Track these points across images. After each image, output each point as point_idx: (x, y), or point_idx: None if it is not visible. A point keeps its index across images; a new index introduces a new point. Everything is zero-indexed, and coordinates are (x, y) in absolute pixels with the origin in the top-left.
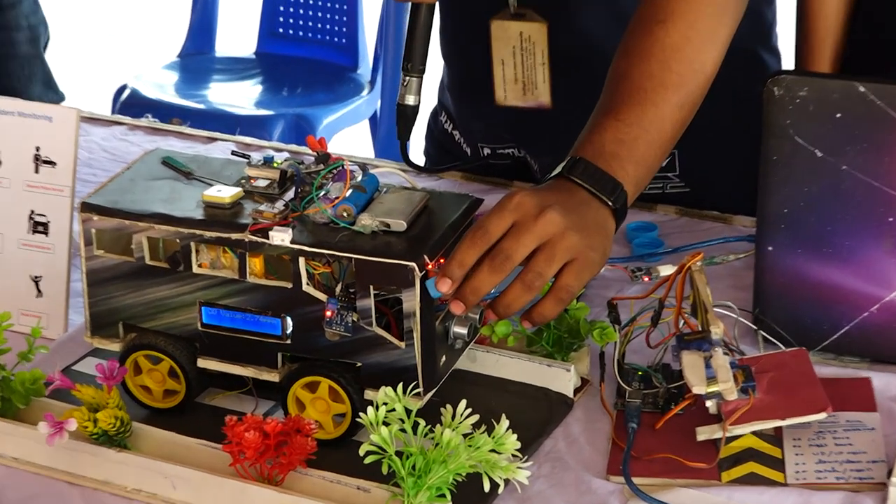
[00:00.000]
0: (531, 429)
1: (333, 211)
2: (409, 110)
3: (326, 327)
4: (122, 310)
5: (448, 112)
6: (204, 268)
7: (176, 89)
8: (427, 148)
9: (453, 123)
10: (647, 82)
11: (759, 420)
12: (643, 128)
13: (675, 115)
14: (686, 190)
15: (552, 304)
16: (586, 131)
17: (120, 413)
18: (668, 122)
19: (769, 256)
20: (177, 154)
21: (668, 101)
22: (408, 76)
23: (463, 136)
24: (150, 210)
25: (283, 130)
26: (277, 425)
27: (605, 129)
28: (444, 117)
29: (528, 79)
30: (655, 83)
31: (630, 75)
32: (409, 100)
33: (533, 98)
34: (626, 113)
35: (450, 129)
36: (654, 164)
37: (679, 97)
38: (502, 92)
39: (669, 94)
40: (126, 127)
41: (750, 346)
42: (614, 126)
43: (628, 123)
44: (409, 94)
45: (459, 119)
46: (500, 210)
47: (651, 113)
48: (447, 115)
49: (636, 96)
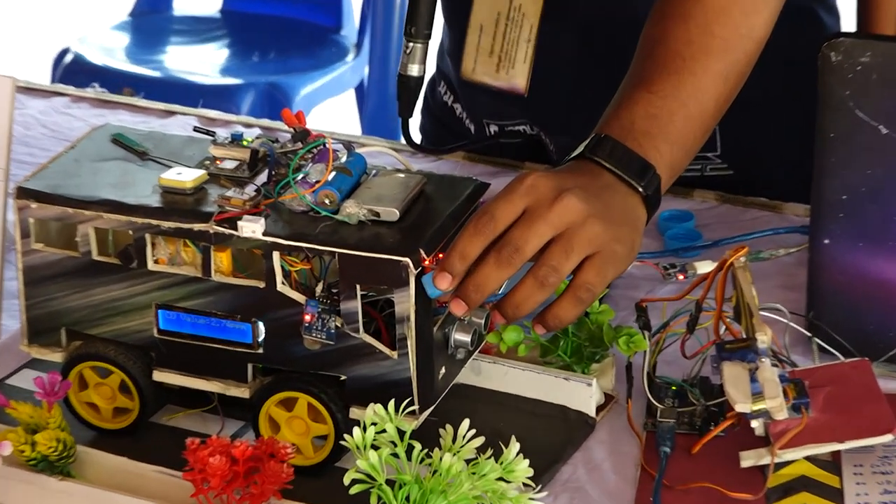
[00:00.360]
0: (546, 453)
1: (313, 197)
2: (413, 82)
3: (305, 334)
4: (64, 313)
5: (448, 82)
6: (161, 264)
7: (127, 54)
8: (423, 124)
9: (454, 95)
10: (686, 48)
11: (814, 443)
12: (680, 101)
13: (718, 86)
14: (729, 172)
15: (569, 304)
16: (613, 105)
17: (62, 435)
18: (709, 96)
19: (825, 251)
20: (129, 130)
21: (709, 71)
22: (411, 42)
23: (465, 109)
24: (97, 196)
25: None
26: (247, 449)
27: (636, 103)
28: (443, 88)
29: (506, 53)
30: (695, 49)
31: (665, 40)
32: (413, 70)
33: (506, 78)
34: (660, 84)
35: (450, 101)
36: (693, 144)
37: (723, 66)
38: (471, 63)
39: (712, 62)
40: (69, 98)
41: (803, 357)
42: (646, 99)
43: (663, 96)
44: (413, 62)
45: (462, 90)
46: (509, 193)
47: (690, 84)
48: (447, 85)
49: (672, 65)
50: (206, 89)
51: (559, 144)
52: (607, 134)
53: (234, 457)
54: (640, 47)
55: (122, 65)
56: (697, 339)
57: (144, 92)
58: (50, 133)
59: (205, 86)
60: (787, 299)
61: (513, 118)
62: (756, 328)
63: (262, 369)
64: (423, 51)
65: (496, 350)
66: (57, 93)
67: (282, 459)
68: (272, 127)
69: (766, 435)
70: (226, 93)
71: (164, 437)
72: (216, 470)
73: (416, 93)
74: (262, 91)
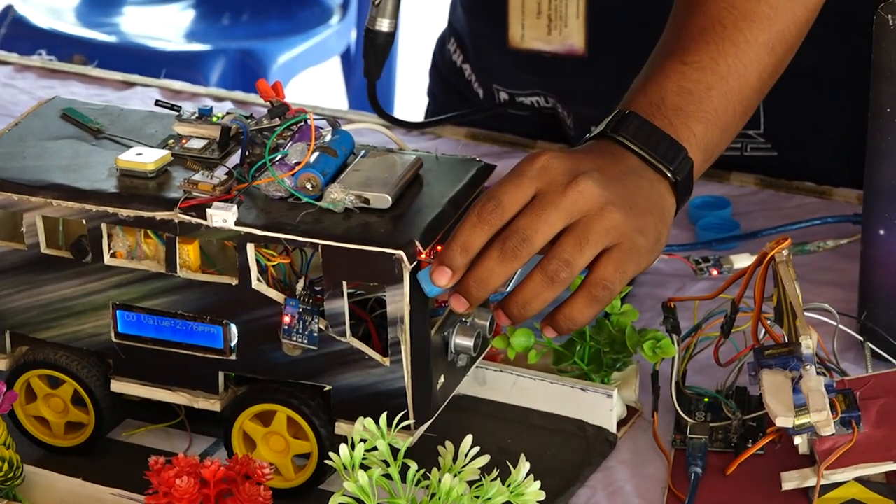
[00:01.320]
0: (560, 474)
1: (293, 181)
2: (382, 38)
3: (284, 338)
4: (9, 315)
5: (459, 39)
6: (119, 258)
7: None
8: (431, 87)
9: (464, 55)
10: (727, 14)
11: (866, 463)
12: (719, 75)
13: (762, 59)
14: (772, 153)
15: (584, 304)
16: (643, 77)
17: (7, 453)
18: (753, 69)
19: (880, 243)
20: (81, 105)
21: (754, 41)
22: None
23: (475, 72)
24: (45, 180)
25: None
26: (219, 470)
27: (668, 76)
28: (452, 45)
29: (556, 11)
30: (737, 16)
31: (703, 5)
32: (383, 25)
33: (559, 39)
34: (696, 54)
35: (459, 61)
36: (732, 124)
37: (769, 36)
38: (518, 28)
39: (757, 31)
40: (12, 68)
41: (853, 364)
42: (680, 71)
43: (699, 68)
44: (383, 16)
45: (473, 49)
46: (518, 176)
47: (731, 55)
48: (457, 42)
49: (711, 33)
50: (169, 56)
51: (579, 118)
52: (633, 110)
53: (203, 478)
54: (675, 11)
55: (71, 28)
56: (733, 344)
57: (98, 60)
58: None
59: (168, 52)
60: (835, 298)
61: (525, 87)
62: (800, 331)
63: (235, 378)
64: (394, 3)
65: (503, 356)
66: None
67: (258, 481)
68: (246, 101)
69: (811, 453)
70: (193, 61)
71: (123, 456)
72: (183, 493)
73: (385, 51)
74: (234, 59)
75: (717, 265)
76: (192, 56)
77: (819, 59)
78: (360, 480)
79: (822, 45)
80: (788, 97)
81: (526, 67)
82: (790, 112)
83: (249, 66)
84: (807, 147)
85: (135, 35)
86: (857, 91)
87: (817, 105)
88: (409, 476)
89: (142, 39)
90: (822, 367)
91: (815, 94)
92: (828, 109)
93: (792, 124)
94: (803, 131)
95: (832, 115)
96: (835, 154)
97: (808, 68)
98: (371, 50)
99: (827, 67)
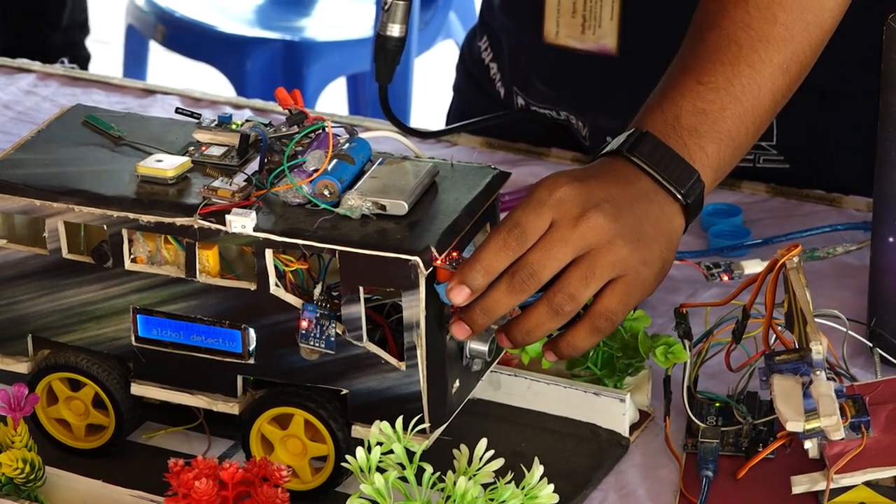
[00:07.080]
0: (573, 477)
1: (311, 188)
2: (392, 43)
3: (301, 342)
4: (31, 319)
5: (491, 35)
6: (140, 263)
7: None
8: (458, 81)
9: (494, 52)
10: (743, 35)
11: (875, 467)
12: (734, 95)
13: (777, 79)
14: (784, 166)
15: (586, 333)
16: (658, 93)
17: (29, 455)
18: (767, 89)
19: (889, 250)
20: (103, 112)
21: (769, 62)
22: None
23: (500, 70)
24: (68, 186)
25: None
26: (237, 472)
27: (684, 94)
28: (483, 42)
29: (591, 12)
30: (753, 37)
31: (720, 25)
32: (394, 30)
33: (593, 39)
34: (712, 74)
35: (487, 59)
36: (744, 143)
37: (784, 57)
38: (553, 25)
39: (772, 51)
40: (35, 76)
41: (863, 370)
42: (695, 90)
43: (714, 88)
44: (394, 21)
45: (507, 46)
46: (539, 206)
47: (746, 76)
48: (489, 39)
49: (727, 52)
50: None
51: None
52: (649, 130)
53: (222, 480)
54: (693, 29)
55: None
56: (744, 350)
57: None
58: (14, 115)
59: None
60: (845, 305)
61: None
62: (810, 337)
63: (254, 382)
64: (405, 8)
65: (517, 361)
66: (21, 69)
67: (276, 483)
68: (264, 108)
69: (820, 457)
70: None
71: (143, 458)
72: (202, 495)
73: (396, 56)
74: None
75: (728, 271)
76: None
77: (832, 74)
78: (376, 483)
79: (839, 54)
80: (803, 111)
81: (557, 63)
82: (803, 126)
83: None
84: (821, 161)
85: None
86: (871, 98)
87: (833, 118)
88: (425, 479)
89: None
90: (832, 372)
91: (830, 109)
92: (844, 123)
93: (807, 138)
94: (818, 146)
95: (848, 129)
96: (847, 163)
97: (822, 83)
98: (382, 55)
99: (840, 82)
